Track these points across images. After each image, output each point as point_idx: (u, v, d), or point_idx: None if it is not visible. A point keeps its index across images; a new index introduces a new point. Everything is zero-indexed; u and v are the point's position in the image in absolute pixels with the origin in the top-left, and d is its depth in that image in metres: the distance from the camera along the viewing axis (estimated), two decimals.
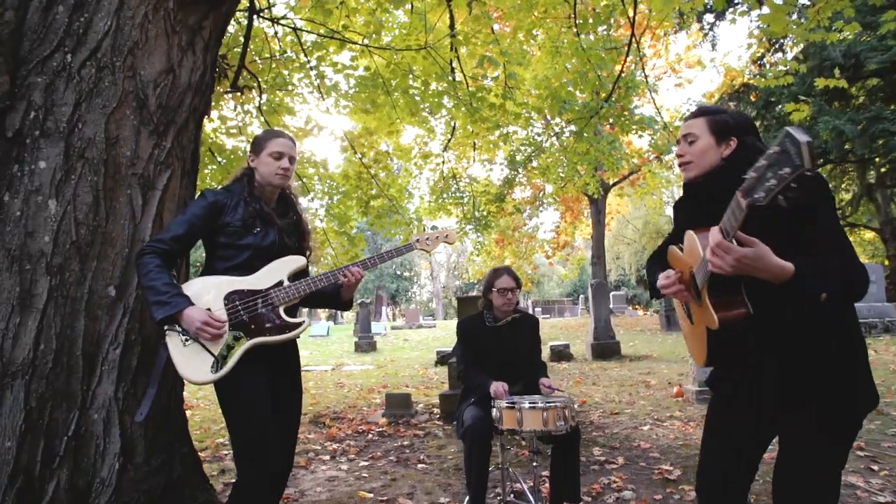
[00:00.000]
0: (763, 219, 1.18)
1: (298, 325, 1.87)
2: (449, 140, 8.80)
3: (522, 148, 12.05)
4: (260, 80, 5.23)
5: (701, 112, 1.52)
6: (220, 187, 1.99)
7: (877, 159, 14.63)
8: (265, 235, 1.89)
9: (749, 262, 1.17)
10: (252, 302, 1.81)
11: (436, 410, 5.84)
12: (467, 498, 2.69)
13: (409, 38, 5.85)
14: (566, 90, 7.07)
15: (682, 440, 4.02)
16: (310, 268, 2.16)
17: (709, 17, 16.90)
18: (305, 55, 5.35)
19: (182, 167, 2.29)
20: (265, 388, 1.80)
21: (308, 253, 2.07)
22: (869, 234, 22.58)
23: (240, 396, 1.77)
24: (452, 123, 7.63)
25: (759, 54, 15.17)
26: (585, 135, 7.51)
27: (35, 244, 1.82)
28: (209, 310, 1.76)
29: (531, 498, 2.72)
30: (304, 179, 6.61)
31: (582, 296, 34.01)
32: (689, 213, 1.56)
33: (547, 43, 7.15)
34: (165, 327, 1.71)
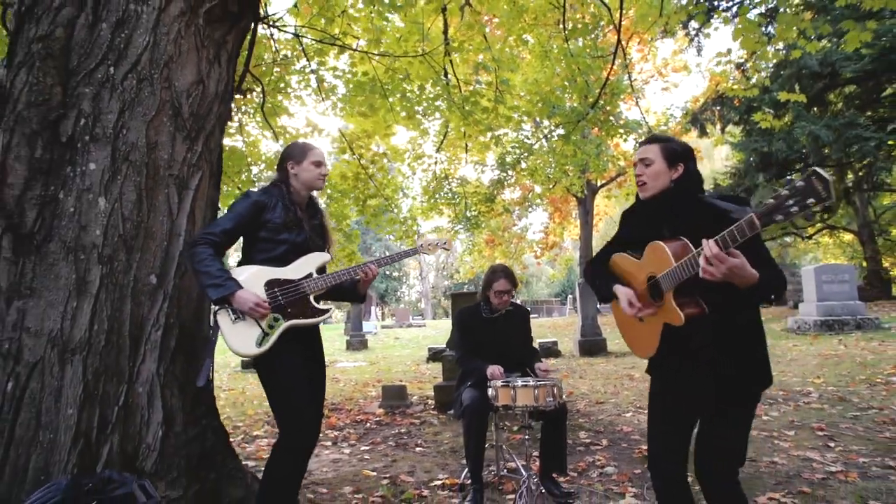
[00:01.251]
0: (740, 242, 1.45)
1: (325, 311, 2.17)
2: (442, 142, 9.05)
3: (511, 149, 12.35)
4: (263, 82, 5.45)
5: (655, 140, 1.82)
6: (257, 189, 2.27)
7: (857, 164, 15.17)
8: (299, 233, 2.16)
9: (737, 271, 1.45)
10: (288, 289, 2.09)
11: (430, 401, 6.09)
12: (466, 469, 2.97)
13: (405, 44, 6.10)
14: (556, 95, 7.39)
15: None
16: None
17: (694, 24, 17.35)
18: (307, 59, 5.57)
19: (210, 169, 2.52)
20: (300, 365, 2.09)
21: (328, 250, 2.34)
22: (848, 236, 23.27)
23: (280, 371, 2.05)
24: (446, 126, 7.89)
25: (741, 60, 15.66)
26: (573, 138, 7.81)
27: (88, 237, 2.05)
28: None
29: (522, 471, 3.00)
30: None
31: (570, 296, 34.49)
32: (639, 225, 1.86)
33: (537, 47, 7.45)
34: (216, 307, 1.97)
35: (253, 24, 4.70)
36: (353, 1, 5.49)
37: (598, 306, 13.71)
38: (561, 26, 6.67)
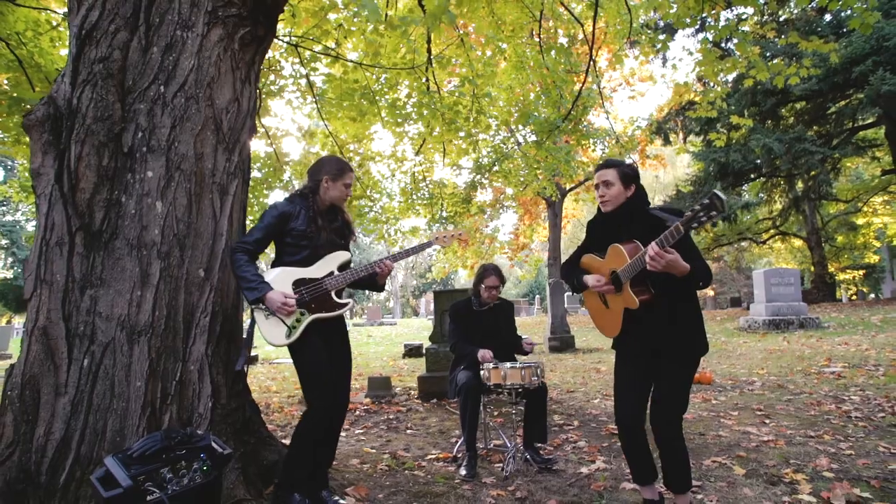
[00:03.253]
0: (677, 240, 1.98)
1: (345, 304, 2.57)
2: (421, 145, 9.44)
3: (487, 153, 12.85)
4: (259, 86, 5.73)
5: (612, 164, 2.31)
6: (284, 199, 2.64)
7: (805, 175, 16.32)
8: (320, 237, 2.54)
9: (673, 263, 1.99)
10: (312, 288, 2.48)
11: (413, 392, 6.49)
12: (459, 443, 3.40)
13: (394, 56, 6.48)
14: (531, 104, 7.90)
15: None
16: None
17: (660, 36, 18.24)
18: (303, 66, 5.88)
19: (243, 177, 2.87)
20: (323, 347, 2.49)
21: (351, 245, 2.73)
22: (798, 242, 24.84)
23: (307, 353, 2.45)
24: (430, 130, 8.28)
25: (702, 74, 16.62)
26: (546, 145, 8.34)
27: (148, 235, 2.38)
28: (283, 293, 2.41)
29: (508, 443, 3.45)
30: (296, 182, 7.12)
31: (538, 296, 35.37)
32: (602, 232, 2.39)
33: (513, 57, 7.93)
34: (253, 306, 2.36)
35: None
36: (348, 15, 5.84)
37: (566, 306, 14.37)
38: (536, 38, 7.19)
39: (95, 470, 1.80)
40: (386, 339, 17.34)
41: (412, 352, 11.54)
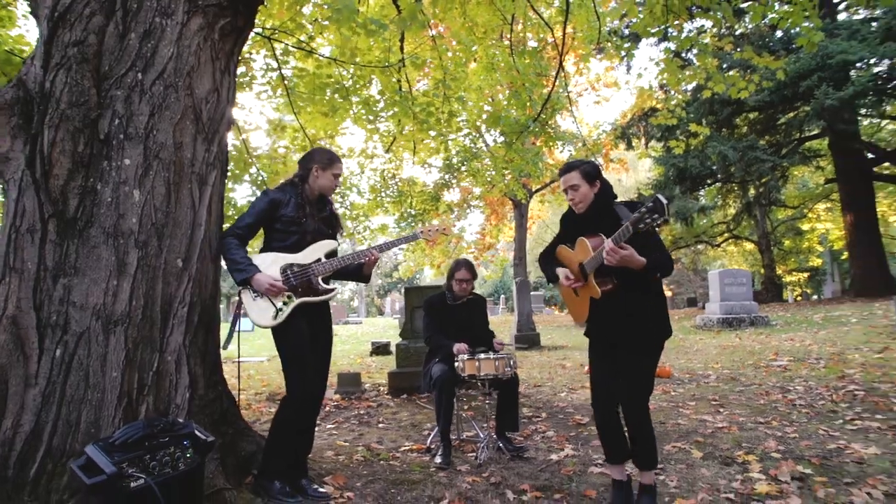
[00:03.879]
0: (633, 236, 2.13)
1: (332, 290, 2.62)
2: (391, 143, 9.46)
3: (456, 153, 12.96)
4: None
5: (572, 167, 2.44)
6: (275, 187, 2.66)
7: (757, 181, 17.18)
8: (308, 224, 2.58)
9: (627, 258, 2.13)
10: (300, 272, 2.50)
11: (382, 388, 6.51)
12: (433, 434, 3.47)
13: (369, 55, 6.49)
14: (501, 105, 8.05)
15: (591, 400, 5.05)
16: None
17: (625, 44, 18.80)
18: (275, 60, 5.82)
19: (221, 168, 2.84)
20: (306, 333, 2.54)
21: (338, 237, 2.77)
22: (749, 246, 26.11)
23: (290, 338, 2.50)
24: (401, 128, 8.31)
25: (664, 81, 17.27)
26: (515, 146, 8.51)
27: (125, 224, 2.34)
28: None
29: (480, 433, 3.55)
30: (265, 174, 7.01)
31: (503, 296, 35.78)
32: (573, 226, 2.52)
33: (484, 59, 8.06)
34: (241, 287, 2.37)
35: None
36: (325, 9, 5.81)
37: (532, 305, 14.65)
38: (507, 41, 7.33)
39: (75, 459, 1.78)
40: (352, 338, 17.22)
41: (379, 349, 11.54)
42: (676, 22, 5.88)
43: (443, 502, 2.52)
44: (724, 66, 13.82)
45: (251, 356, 11.71)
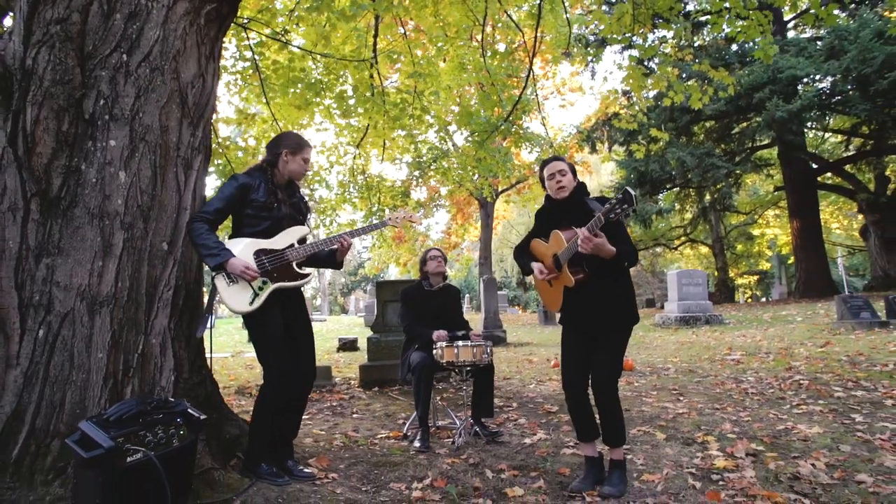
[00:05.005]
0: (605, 226, 2.29)
1: (307, 275, 2.65)
2: (362, 138, 9.45)
3: (425, 151, 13.04)
4: None
5: (560, 159, 2.64)
6: (243, 172, 2.67)
7: (713, 187, 17.99)
8: (280, 210, 2.60)
9: (601, 246, 2.29)
10: (274, 258, 2.53)
11: (353, 381, 6.53)
12: (411, 419, 3.55)
13: (344, 49, 6.50)
14: (471, 105, 8.18)
15: (559, 391, 5.24)
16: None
17: (590, 50, 19.33)
18: (253, 53, 5.76)
19: (206, 153, 2.85)
20: (280, 319, 2.57)
21: (307, 223, 2.80)
22: (704, 249, 27.31)
23: (265, 325, 2.52)
24: (375, 124, 8.33)
25: (627, 88, 17.87)
26: (485, 145, 8.66)
27: (111, 205, 2.31)
28: None
29: (456, 420, 3.65)
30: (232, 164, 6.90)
31: (468, 295, 36.08)
32: (548, 219, 2.69)
33: (455, 59, 8.19)
34: (214, 273, 2.38)
35: None
36: (299, 2, 5.79)
37: (500, 305, 14.86)
38: (477, 41, 7.48)
39: (69, 436, 1.78)
40: (317, 335, 16.95)
41: (346, 346, 11.52)
42: (641, 31, 6.16)
43: (426, 480, 2.61)
44: (684, 75, 14.45)
45: (220, 352, 11.45)
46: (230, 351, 11.91)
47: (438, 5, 6.92)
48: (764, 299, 27.79)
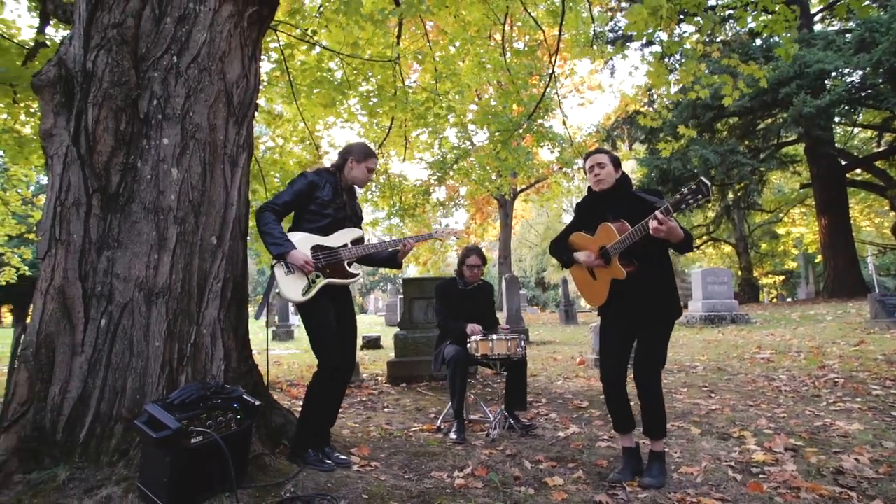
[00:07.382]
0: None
1: (356, 274, 2.74)
2: (385, 137, 9.55)
3: (444, 151, 13.11)
4: None
5: (601, 151, 2.65)
6: (311, 171, 2.79)
7: (736, 185, 17.71)
8: (341, 211, 2.71)
9: (674, 229, 2.28)
10: (328, 254, 2.63)
11: (381, 378, 6.61)
12: (445, 412, 3.60)
13: (371, 48, 6.59)
14: (491, 105, 8.22)
15: (588, 388, 5.24)
16: None
17: (609, 48, 19.15)
18: (282, 54, 5.88)
19: (249, 150, 2.94)
20: (332, 310, 2.67)
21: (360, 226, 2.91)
22: (727, 248, 26.86)
23: (318, 314, 2.63)
24: (400, 124, 8.42)
25: (648, 86, 17.70)
26: (508, 144, 8.68)
27: (165, 201, 2.42)
28: None
29: (489, 414, 3.69)
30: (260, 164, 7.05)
31: None
32: (589, 212, 2.69)
33: (475, 58, 8.22)
34: (274, 262, 2.48)
35: None
36: (327, 4, 5.89)
37: (521, 303, 14.83)
38: (496, 40, 7.51)
39: (138, 418, 1.87)
40: None
41: (370, 343, 11.63)
42: (668, 27, 6.11)
43: (466, 469, 2.66)
44: (707, 71, 14.25)
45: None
46: (256, 349, 12.15)
47: (459, 5, 6.98)
48: (790, 299, 27.21)
